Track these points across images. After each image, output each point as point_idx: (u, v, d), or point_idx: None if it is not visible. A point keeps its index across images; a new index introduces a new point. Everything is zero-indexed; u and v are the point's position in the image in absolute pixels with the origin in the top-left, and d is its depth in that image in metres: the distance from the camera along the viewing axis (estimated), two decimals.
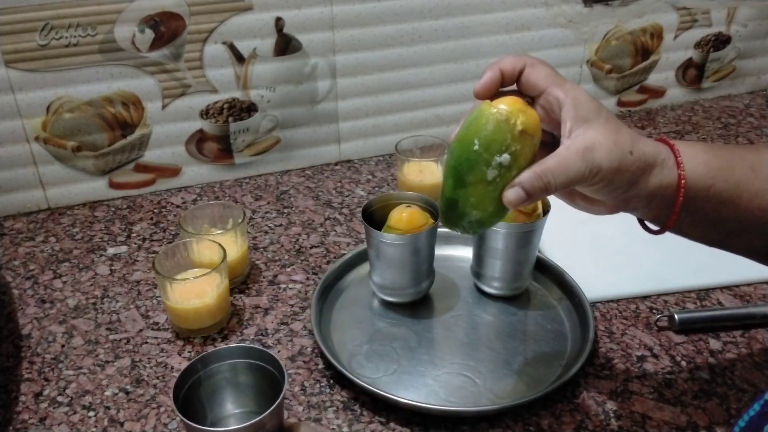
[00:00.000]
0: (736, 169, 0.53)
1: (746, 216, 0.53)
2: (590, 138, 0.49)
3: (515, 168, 0.49)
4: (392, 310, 0.75)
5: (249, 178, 1.02)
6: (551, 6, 1.06)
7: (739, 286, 0.78)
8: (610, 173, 0.49)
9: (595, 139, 0.49)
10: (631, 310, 0.75)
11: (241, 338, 0.71)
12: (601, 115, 0.50)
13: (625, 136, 0.50)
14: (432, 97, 1.06)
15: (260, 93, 0.96)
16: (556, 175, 0.48)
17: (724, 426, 0.60)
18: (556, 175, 0.48)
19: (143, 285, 0.79)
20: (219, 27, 0.90)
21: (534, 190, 0.49)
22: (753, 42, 1.25)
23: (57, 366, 0.68)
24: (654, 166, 0.51)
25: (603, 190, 0.51)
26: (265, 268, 0.82)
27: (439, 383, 0.65)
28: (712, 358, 0.68)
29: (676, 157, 0.52)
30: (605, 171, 0.49)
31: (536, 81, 0.52)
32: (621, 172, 0.49)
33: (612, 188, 0.51)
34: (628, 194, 0.52)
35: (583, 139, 0.49)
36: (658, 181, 0.51)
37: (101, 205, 0.95)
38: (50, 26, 0.83)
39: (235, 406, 0.60)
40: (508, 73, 0.53)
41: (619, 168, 0.49)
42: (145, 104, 0.92)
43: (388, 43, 0.99)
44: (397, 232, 0.70)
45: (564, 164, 0.48)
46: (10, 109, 0.86)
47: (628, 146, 0.50)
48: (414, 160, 0.92)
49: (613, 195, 0.52)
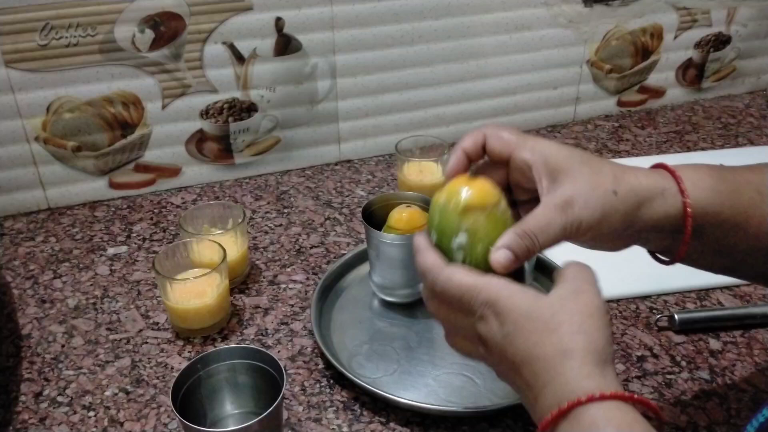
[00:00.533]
0: (743, 193, 0.50)
1: (756, 242, 0.51)
2: (566, 191, 0.47)
3: (479, 242, 0.47)
4: (392, 310, 0.75)
5: (249, 178, 1.02)
6: (551, 6, 1.06)
7: (739, 286, 0.78)
8: (595, 222, 0.47)
9: (572, 190, 0.47)
10: (631, 310, 0.75)
11: (241, 338, 0.71)
12: (574, 162, 0.48)
13: (606, 176, 0.48)
14: (432, 97, 1.06)
15: (260, 93, 0.96)
16: (538, 235, 0.46)
17: (724, 426, 0.60)
18: (538, 235, 0.46)
19: (143, 285, 0.79)
20: (219, 27, 0.90)
21: (520, 251, 0.46)
22: (753, 42, 1.25)
23: (57, 366, 0.68)
24: (651, 198, 0.48)
25: (598, 238, 0.49)
26: (265, 268, 0.82)
27: (439, 383, 0.65)
28: (712, 358, 0.68)
29: (678, 184, 0.49)
30: (588, 222, 0.46)
31: (500, 149, 0.50)
32: (607, 217, 0.47)
33: (607, 233, 0.48)
34: (630, 231, 0.49)
35: (560, 194, 0.47)
36: (663, 211, 0.49)
37: (101, 205, 0.95)
38: (50, 26, 0.83)
39: (235, 407, 0.60)
40: (471, 151, 0.51)
41: (603, 214, 0.47)
42: (145, 104, 0.92)
43: (388, 43, 0.99)
44: (397, 232, 0.70)
45: (544, 223, 0.46)
46: (10, 109, 0.86)
47: (611, 186, 0.47)
48: (414, 160, 0.92)
49: (613, 237, 0.50)
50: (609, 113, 1.22)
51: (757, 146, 1.11)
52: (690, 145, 1.11)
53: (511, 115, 1.13)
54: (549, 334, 0.41)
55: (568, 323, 0.42)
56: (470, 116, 1.11)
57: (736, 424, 0.61)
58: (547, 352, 0.41)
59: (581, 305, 0.43)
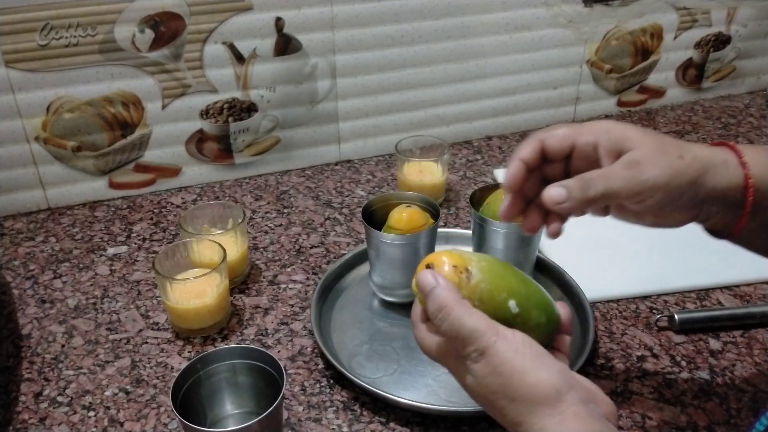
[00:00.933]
0: None
1: None
2: (633, 155, 0.48)
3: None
4: (392, 310, 0.75)
5: (249, 178, 1.02)
6: (551, 6, 1.06)
7: (739, 286, 0.78)
8: (663, 183, 0.48)
9: (639, 154, 0.48)
10: (631, 310, 0.75)
11: (241, 338, 0.71)
12: (636, 132, 0.50)
13: (670, 145, 0.49)
14: (432, 97, 1.06)
15: (260, 93, 0.96)
16: (596, 180, 0.48)
17: (724, 426, 0.60)
18: (596, 180, 0.48)
19: (143, 285, 0.79)
20: (219, 27, 0.90)
21: (575, 190, 0.48)
22: (753, 42, 1.25)
23: (57, 366, 0.68)
24: (715, 166, 0.49)
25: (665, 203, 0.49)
26: (265, 268, 0.82)
27: (439, 383, 0.65)
28: (712, 358, 0.68)
29: (739, 156, 0.50)
30: (654, 181, 0.48)
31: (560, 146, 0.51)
32: (675, 179, 0.48)
33: (674, 197, 0.49)
34: (695, 200, 0.50)
35: (627, 156, 0.48)
36: (726, 181, 0.50)
37: (101, 205, 0.95)
38: (50, 26, 0.83)
39: (235, 407, 0.60)
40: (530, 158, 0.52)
41: (670, 175, 0.48)
42: (145, 104, 0.92)
43: (388, 43, 0.99)
44: (397, 232, 0.70)
45: (605, 175, 0.48)
46: (10, 109, 0.86)
47: (675, 152, 0.49)
48: (414, 160, 0.92)
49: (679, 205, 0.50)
50: (609, 113, 1.22)
51: None
52: None
53: (511, 115, 1.13)
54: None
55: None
56: (470, 116, 1.11)
57: (736, 424, 0.60)
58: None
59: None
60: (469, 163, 1.06)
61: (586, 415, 0.40)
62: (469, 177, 1.02)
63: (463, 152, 1.09)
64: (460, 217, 0.92)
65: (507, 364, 0.42)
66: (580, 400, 0.41)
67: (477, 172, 1.03)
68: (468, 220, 0.91)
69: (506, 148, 1.10)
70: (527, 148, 0.52)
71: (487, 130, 1.14)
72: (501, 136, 1.14)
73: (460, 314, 0.43)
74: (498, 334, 0.43)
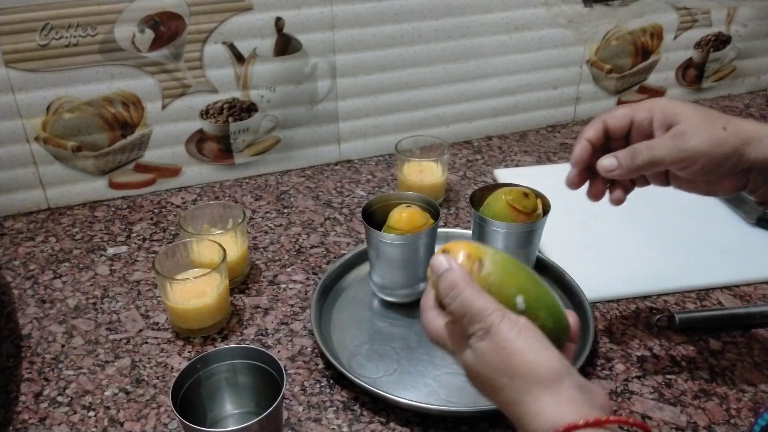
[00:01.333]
0: None
1: None
2: (679, 128, 0.54)
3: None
4: (392, 310, 0.75)
5: (249, 178, 1.02)
6: (551, 6, 1.06)
7: (739, 286, 0.78)
8: (706, 149, 0.53)
9: (685, 126, 0.54)
10: (631, 310, 0.75)
11: (241, 338, 0.71)
12: (687, 108, 0.55)
13: (715, 118, 0.54)
14: (432, 97, 1.06)
15: (260, 93, 0.96)
16: (642, 150, 0.54)
17: (724, 426, 0.60)
18: (642, 150, 0.54)
19: (143, 285, 0.79)
20: (219, 27, 0.90)
21: (623, 158, 0.55)
22: (753, 42, 1.25)
23: (57, 366, 0.68)
24: (758, 138, 0.54)
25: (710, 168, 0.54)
26: (265, 268, 0.82)
27: (439, 383, 0.65)
28: (712, 358, 0.68)
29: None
30: (698, 149, 0.53)
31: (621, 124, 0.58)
32: (717, 147, 0.53)
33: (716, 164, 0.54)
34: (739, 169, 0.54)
35: (673, 130, 0.54)
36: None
37: (101, 205, 0.95)
38: (50, 26, 0.83)
39: (235, 407, 0.60)
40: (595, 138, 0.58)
41: (713, 144, 0.53)
42: (145, 104, 0.92)
43: (388, 43, 0.99)
44: (397, 232, 0.70)
45: (652, 145, 0.55)
46: (10, 109, 0.86)
47: (720, 124, 0.54)
48: (414, 160, 0.92)
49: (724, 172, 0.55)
50: None
51: None
52: None
53: (511, 115, 1.13)
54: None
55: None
56: (470, 116, 1.11)
57: (736, 424, 0.60)
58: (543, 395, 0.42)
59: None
60: (469, 163, 1.06)
61: (582, 401, 0.41)
62: (469, 177, 1.02)
63: (463, 152, 1.09)
64: (460, 217, 0.92)
65: (510, 342, 0.43)
66: (577, 386, 0.41)
67: (477, 172, 1.03)
68: (468, 220, 0.91)
69: (506, 148, 1.10)
70: (592, 129, 0.58)
71: (487, 130, 1.14)
72: (501, 136, 1.14)
73: (470, 294, 0.44)
74: (504, 316, 0.44)
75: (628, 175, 0.56)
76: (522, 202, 0.71)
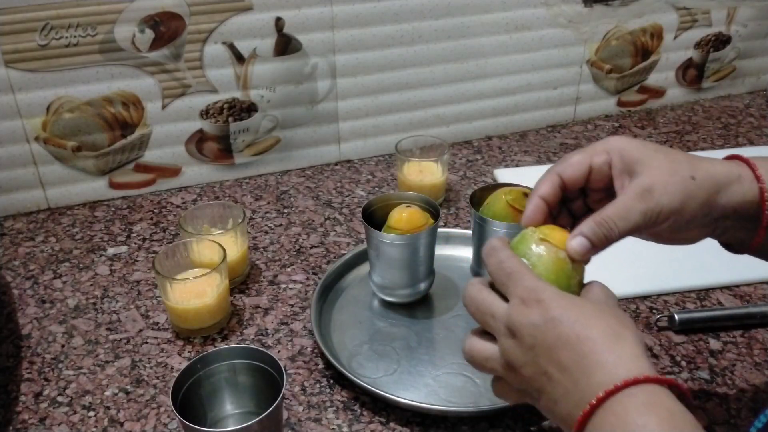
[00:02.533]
0: None
1: None
2: (645, 180, 0.48)
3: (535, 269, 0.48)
4: (392, 310, 0.75)
5: (249, 178, 1.02)
6: (551, 6, 1.06)
7: (739, 286, 0.78)
8: (676, 208, 0.47)
9: (650, 178, 0.48)
10: (631, 310, 0.75)
11: (241, 338, 0.71)
12: (648, 151, 0.49)
13: (682, 164, 0.49)
14: (432, 97, 1.06)
15: (260, 93, 0.96)
16: (616, 222, 0.47)
17: (724, 426, 0.60)
18: (616, 222, 0.47)
19: (143, 285, 0.79)
20: (219, 27, 0.90)
21: (596, 238, 0.47)
22: (753, 42, 1.25)
23: (57, 366, 0.68)
24: (729, 183, 0.49)
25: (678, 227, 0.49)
26: (265, 268, 0.82)
27: (439, 383, 0.65)
28: (712, 358, 0.68)
29: (753, 171, 0.50)
30: (668, 208, 0.47)
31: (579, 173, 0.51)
32: (688, 202, 0.48)
33: (687, 221, 0.49)
34: (709, 219, 0.50)
35: (639, 182, 0.48)
36: (740, 196, 0.49)
37: (101, 205, 0.95)
38: (50, 26, 0.83)
39: (235, 407, 0.60)
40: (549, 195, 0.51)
41: (683, 199, 0.47)
42: (145, 104, 0.92)
43: (388, 43, 0.99)
44: (397, 232, 0.70)
45: (623, 209, 0.47)
46: (10, 109, 0.86)
47: (688, 172, 0.48)
48: (414, 160, 0.92)
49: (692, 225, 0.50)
50: (609, 113, 1.22)
51: (757, 146, 1.11)
52: (690, 145, 1.11)
53: (511, 115, 1.13)
54: (598, 320, 0.42)
55: (615, 317, 0.43)
56: (470, 116, 1.11)
57: (736, 424, 0.60)
58: (597, 334, 0.41)
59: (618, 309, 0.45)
60: (469, 163, 1.06)
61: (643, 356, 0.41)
62: (469, 177, 1.02)
63: (463, 152, 1.09)
64: (460, 217, 0.92)
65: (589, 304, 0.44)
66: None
67: (477, 172, 1.03)
68: (468, 220, 0.91)
69: (506, 148, 1.10)
70: (546, 184, 0.51)
71: (487, 130, 1.14)
72: (501, 136, 1.14)
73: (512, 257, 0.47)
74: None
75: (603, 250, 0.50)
76: (522, 202, 0.70)
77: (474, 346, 0.47)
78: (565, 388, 0.41)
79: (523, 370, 0.44)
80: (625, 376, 0.39)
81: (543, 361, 0.42)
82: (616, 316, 0.43)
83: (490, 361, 0.47)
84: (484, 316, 0.47)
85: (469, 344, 0.48)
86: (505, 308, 0.45)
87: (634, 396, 0.39)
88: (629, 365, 0.40)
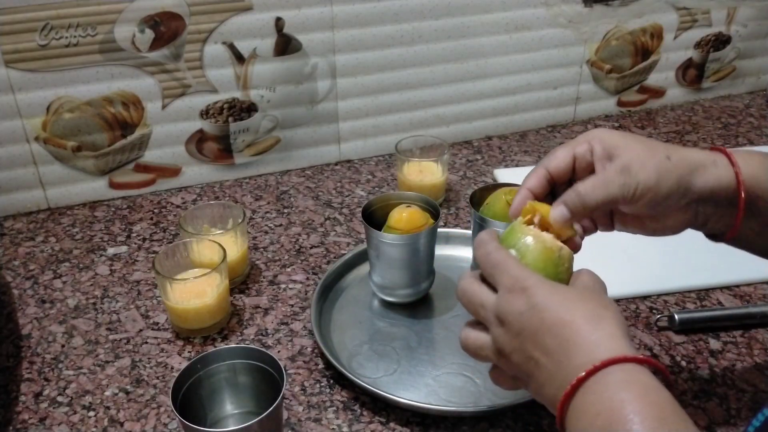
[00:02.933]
0: None
1: None
2: (623, 160, 0.51)
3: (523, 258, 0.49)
4: (392, 310, 0.75)
5: (249, 178, 1.02)
6: (551, 6, 1.06)
7: (739, 286, 0.78)
8: (652, 184, 0.50)
9: (629, 158, 0.51)
10: (631, 310, 0.75)
11: (241, 338, 0.71)
12: (627, 139, 0.52)
13: (659, 147, 0.52)
14: (432, 97, 1.06)
15: (260, 93, 0.96)
16: (594, 191, 0.51)
17: (724, 426, 0.60)
18: (594, 191, 0.51)
19: (143, 285, 0.79)
20: (219, 27, 0.90)
21: (574, 206, 0.51)
22: (753, 42, 1.25)
23: (57, 366, 0.68)
24: (704, 165, 0.52)
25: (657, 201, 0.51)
26: (265, 268, 0.82)
27: (439, 383, 0.65)
28: (712, 358, 0.68)
29: (729, 157, 0.52)
30: (644, 183, 0.50)
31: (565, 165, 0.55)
32: (663, 179, 0.50)
33: (664, 196, 0.51)
34: (686, 200, 0.52)
35: (617, 162, 0.51)
36: (714, 179, 0.52)
37: (101, 205, 0.95)
38: (50, 26, 0.83)
39: (235, 407, 0.60)
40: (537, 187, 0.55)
41: (658, 176, 0.50)
42: (145, 104, 0.92)
43: (388, 43, 0.99)
44: (397, 232, 0.70)
45: (600, 182, 0.51)
46: (10, 109, 0.86)
47: (664, 153, 0.51)
48: (414, 160, 0.92)
49: (671, 207, 0.52)
50: (609, 113, 1.22)
51: (757, 146, 1.11)
52: (690, 145, 1.11)
53: (511, 115, 1.13)
54: (581, 303, 0.44)
55: (596, 300, 0.44)
56: (470, 116, 1.11)
57: (736, 424, 0.60)
58: (578, 318, 0.43)
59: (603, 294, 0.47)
60: (469, 163, 1.06)
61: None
62: (469, 177, 1.02)
63: (463, 152, 1.09)
64: (460, 217, 0.92)
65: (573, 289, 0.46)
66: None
67: (477, 172, 1.03)
68: (468, 220, 0.91)
69: (506, 148, 1.10)
70: (533, 178, 0.55)
71: (487, 130, 1.14)
72: (501, 136, 1.14)
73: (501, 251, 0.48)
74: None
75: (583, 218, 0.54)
76: None
77: (468, 336, 0.49)
78: (549, 371, 0.43)
79: (512, 356, 0.45)
80: (604, 357, 0.40)
81: (529, 346, 0.44)
82: (598, 300, 0.44)
83: (483, 350, 0.48)
84: (475, 307, 0.48)
85: (464, 335, 0.50)
86: (494, 298, 0.47)
87: (613, 374, 0.40)
88: (609, 345, 0.41)
